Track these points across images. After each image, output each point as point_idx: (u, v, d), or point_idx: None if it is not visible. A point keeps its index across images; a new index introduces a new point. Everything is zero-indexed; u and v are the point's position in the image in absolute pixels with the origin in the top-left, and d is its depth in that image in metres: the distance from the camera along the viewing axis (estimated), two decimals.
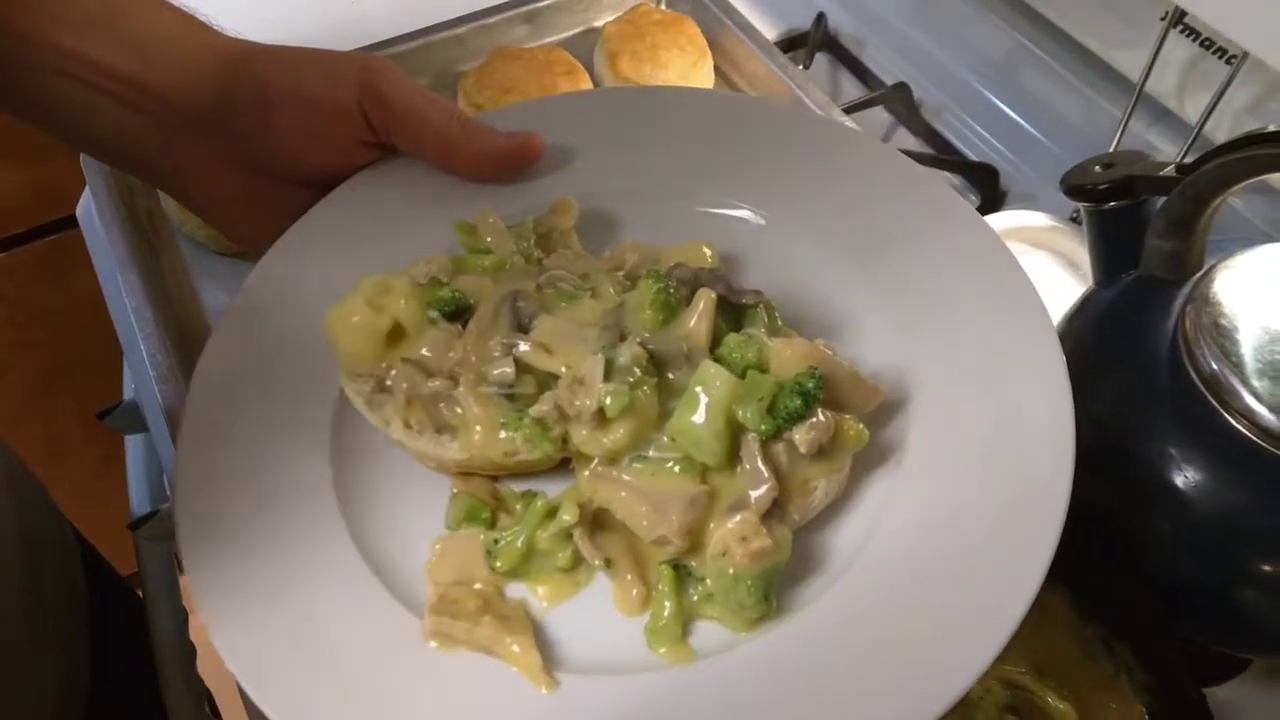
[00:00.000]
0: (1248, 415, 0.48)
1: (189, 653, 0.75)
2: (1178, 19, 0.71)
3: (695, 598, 0.48)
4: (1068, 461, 0.46)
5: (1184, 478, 0.51)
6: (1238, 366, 0.49)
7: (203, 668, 0.74)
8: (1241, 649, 0.58)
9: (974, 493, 0.47)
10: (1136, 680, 0.56)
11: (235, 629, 0.46)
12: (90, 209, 0.85)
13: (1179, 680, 0.54)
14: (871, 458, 0.50)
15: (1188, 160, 0.51)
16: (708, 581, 0.47)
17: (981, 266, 0.54)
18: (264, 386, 0.54)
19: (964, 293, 0.53)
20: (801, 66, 0.95)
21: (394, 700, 0.45)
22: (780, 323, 0.52)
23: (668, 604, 0.47)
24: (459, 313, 0.52)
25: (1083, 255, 0.60)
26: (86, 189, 0.85)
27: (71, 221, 0.90)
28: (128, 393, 0.86)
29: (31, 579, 0.70)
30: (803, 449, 0.47)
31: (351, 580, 0.48)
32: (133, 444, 0.87)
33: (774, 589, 0.46)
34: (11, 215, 1.28)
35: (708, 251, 0.56)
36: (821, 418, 0.47)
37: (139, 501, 0.84)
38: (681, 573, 0.48)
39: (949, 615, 0.44)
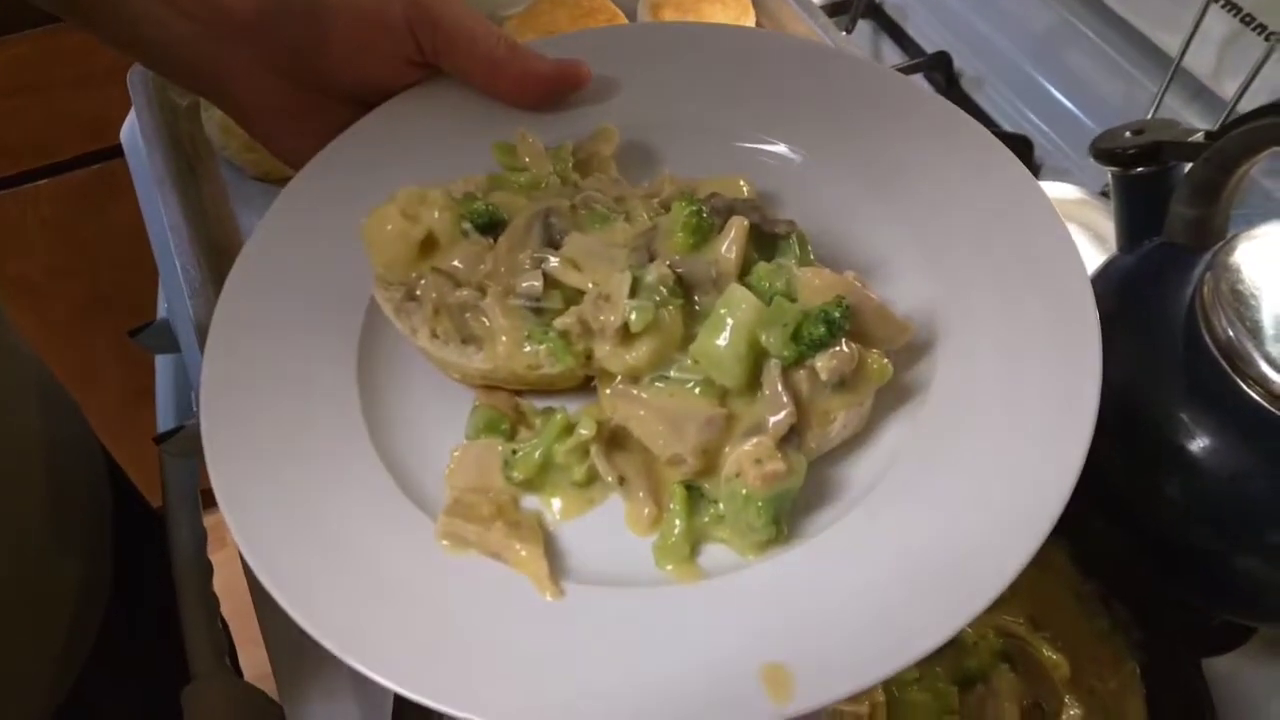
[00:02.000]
0: (1261, 382, 0.48)
1: (206, 569, 0.76)
2: None
3: (706, 520, 0.48)
4: (1089, 418, 0.45)
5: (1195, 442, 0.51)
6: (1254, 333, 0.49)
7: (219, 587, 0.76)
8: (1242, 616, 0.58)
9: (993, 441, 0.47)
10: (1131, 638, 0.56)
11: (252, 521, 0.47)
12: (134, 131, 0.86)
13: (1173, 640, 0.55)
14: (895, 397, 0.50)
15: None
16: (720, 505, 0.47)
17: (1022, 218, 0.53)
18: (297, 291, 0.55)
19: (1002, 242, 0.52)
20: (844, 31, 0.96)
21: (399, 594, 0.45)
22: (812, 256, 0.51)
23: (678, 522, 0.47)
24: (492, 226, 0.52)
25: (1110, 230, 0.60)
26: (131, 112, 0.86)
27: (116, 151, 0.92)
28: (161, 313, 0.87)
29: (57, 486, 0.72)
30: (824, 376, 0.46)
31: (369, 480, 0.49)
32: (162, 364, 0.89)
33: (785, 515, 0.46)
34: (58, 143, 1.29)
35: (744, 185, 0.56)
36: (845, 348, 0.47)
37: (165, 419, 0.85)
38: (694, 494, 0.48)
39: (953, 557, 0.44)
